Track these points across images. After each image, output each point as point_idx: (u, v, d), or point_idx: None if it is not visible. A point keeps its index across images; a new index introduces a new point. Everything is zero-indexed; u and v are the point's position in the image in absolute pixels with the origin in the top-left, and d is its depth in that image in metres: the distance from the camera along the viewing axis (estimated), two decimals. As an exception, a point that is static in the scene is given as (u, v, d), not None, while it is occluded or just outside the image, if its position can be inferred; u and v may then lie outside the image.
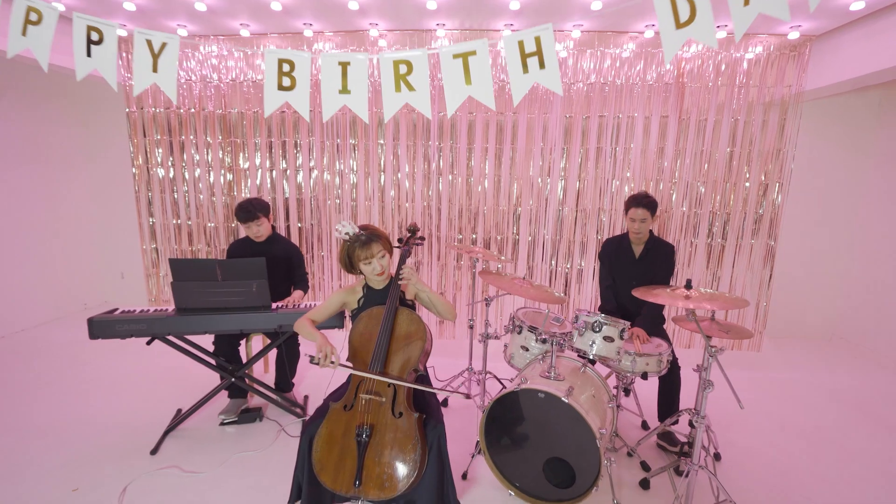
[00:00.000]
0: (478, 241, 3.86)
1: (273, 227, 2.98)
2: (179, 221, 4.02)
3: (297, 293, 2.84)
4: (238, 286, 2.49)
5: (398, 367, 1.83)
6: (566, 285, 3.85)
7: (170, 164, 3.94)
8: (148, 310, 2.56)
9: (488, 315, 2.89)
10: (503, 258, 3.00)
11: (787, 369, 3.72)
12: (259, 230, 2.82)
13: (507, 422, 2.18)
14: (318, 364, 1.72)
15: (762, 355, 3.84)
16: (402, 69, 1.29)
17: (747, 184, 3.60)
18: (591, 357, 2.19)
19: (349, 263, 1.93)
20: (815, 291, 4.34)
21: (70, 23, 1.52)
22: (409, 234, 2.17)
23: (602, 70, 3.54)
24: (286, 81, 1.30)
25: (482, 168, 3.73)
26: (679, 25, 1.15)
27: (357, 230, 1.89)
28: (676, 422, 2.57)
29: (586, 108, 3.59)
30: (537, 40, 1.29)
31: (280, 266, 2.86)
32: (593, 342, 2.19)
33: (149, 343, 2.49)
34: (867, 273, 4.14)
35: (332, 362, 1.73)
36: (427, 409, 1.88)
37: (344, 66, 1.36)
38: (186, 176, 3.96)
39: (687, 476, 2.04)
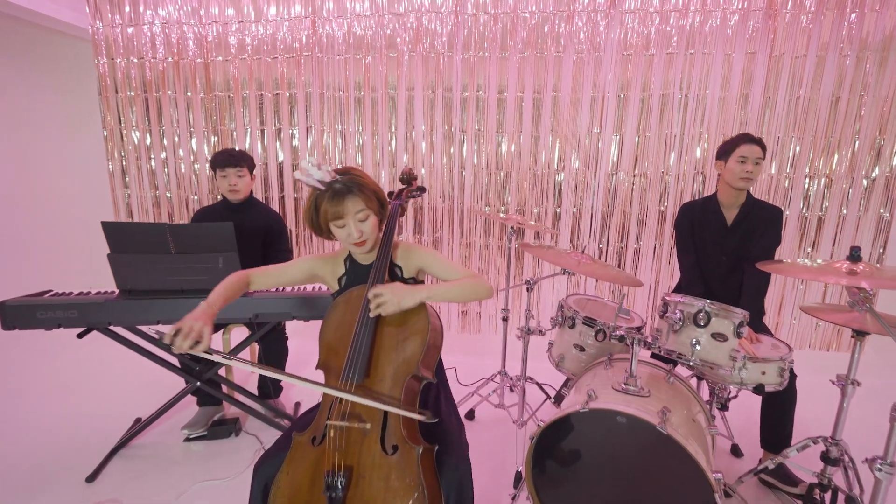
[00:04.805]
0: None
1: (251, 192, 2.37)
2: (158, 193, 3.44)
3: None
4: (200, 261, 1.88)
5: (390, 374, 1.19)
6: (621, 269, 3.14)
7: (146, 125, 3.35)
8: (88, 292, 1.98)
9: (529, 304, 2.21)
10: (555, 231, 2.33)
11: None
12: (239, 183, 2.22)
13: (565, 453, 1.52)
14: (169, 346, 1.06)
15: (865, 358, 3.06)
16: None
17: (857, 139, 2.83)
18: (691, 363, 1.50)
19: (316, 222, 1.26)
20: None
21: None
22: (403, 186, 1.51)
23: (670, -4, 2.79)
24: None
25: (516, 123, 3.03)
26: None
27: (330, 173, 1.22)
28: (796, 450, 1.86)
29: (647, 44, 2.85)
30: None
31: (255, 237, 2.26)
32: (696, 341, 1.49)
33: (80, 336, 1.89)
34: None
35: (198, 343, 1.07)
36: (443, 437, 1.23)
37: None
38: (165, 142, 3.36)
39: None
